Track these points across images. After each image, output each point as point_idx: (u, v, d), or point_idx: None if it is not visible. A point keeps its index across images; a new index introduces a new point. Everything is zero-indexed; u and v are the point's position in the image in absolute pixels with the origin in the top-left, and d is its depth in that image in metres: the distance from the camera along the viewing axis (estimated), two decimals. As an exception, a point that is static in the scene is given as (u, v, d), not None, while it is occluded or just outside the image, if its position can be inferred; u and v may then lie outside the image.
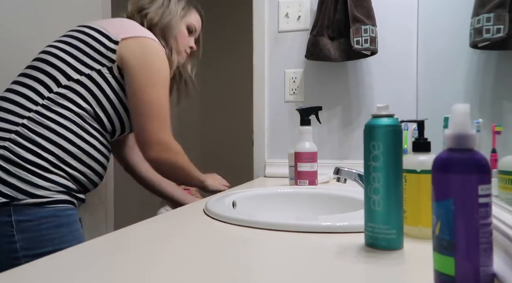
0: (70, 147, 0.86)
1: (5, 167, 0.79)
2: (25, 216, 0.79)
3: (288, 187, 1.06)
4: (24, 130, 0.82)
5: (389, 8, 1.40)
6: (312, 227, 0.60)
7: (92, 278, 0.41)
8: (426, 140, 0.57)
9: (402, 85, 1.39)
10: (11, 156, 0.80)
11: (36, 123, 0.84)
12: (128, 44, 0.93)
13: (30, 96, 0.86)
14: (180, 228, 0.65)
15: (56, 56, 0.90)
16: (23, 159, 0.81)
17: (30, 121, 0.84)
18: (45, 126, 0.84)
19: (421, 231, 0.54)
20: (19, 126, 0.82)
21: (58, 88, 0.87)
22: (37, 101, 0.86)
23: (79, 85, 0.89)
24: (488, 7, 0.61)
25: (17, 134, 0.82)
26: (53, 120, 0.85)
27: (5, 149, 0.80)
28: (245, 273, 0.43)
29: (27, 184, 0.80)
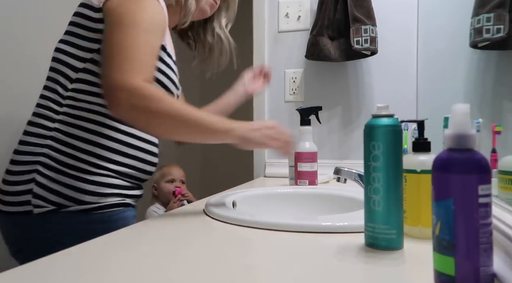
0: (107, 141, 0.80)
1: (48, 174, 0.77)
2: (75, 223, 0.77)
3: (288, 187, 1.06)
4: (58, 134, 0.79)
5: (389, 8, 1.40)
6: (312, 227, 0.60)
7: (92, 278, 0.41)
8: (426, 140, 0.57)
9: (402, 85, 1.39)
10: (52, 163, 0.77)
11: (67, 125, 0.80)
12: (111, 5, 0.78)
13: (54, 98, 0.82)
14: (180, 228, 0.65)
15: (61, 50, 0.85)
16: (63, 164, 0.77)
17: (61, 124, 0.80)
18: (76, 126, 0.79)
19: (421, 231, 0.54)
20: (52, 131, 0.80)
21: (71, 84, 0.81)
22: (60, 102, 0.81)
23: (87, 73, 0.81)
24: (488, 7, 0.61)
25: (53, 140, 0.79)
26: (81, 118, 0.80)
27: (45, 156, 0.78)
28: (245, 273, 0.43)
29: (72, 190, 0.77)
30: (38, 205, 0.76)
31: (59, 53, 0.85)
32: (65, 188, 0.77)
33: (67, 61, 0.82)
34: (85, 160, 0.78)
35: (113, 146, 0.81)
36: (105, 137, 0.80)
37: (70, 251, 0.51)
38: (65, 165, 0.77)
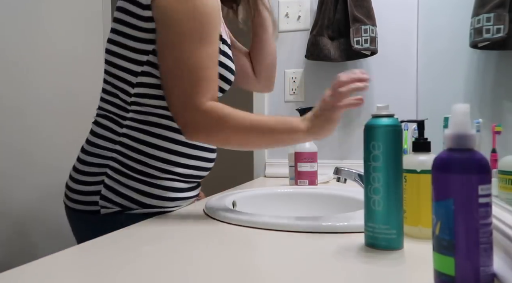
0: (172, 145, 0.81)
1: (116, 177, 0.78)
2: None
3: (288, 187, 1.06)
4: (126, 139, 0.79)
5: (389, 8, 1.40)
6: (312, 227, 0.60)
7: (92, 278, 0.41)
8: (426, 140, 0.57)
9: (402, 85, 1.39)
10: (120, 167, 0.78)
11: (134, 130, 0.79)
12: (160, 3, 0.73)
13: (117, 103, 0.81)
14: (180, 228, 0.65)
15: (113, 52, 0.80)
16: (131, 168, 0.78)
17: (129, 129, 0.79)
18: (142, 131, 0.79)
19: (421, 231, 0.54)
20: (121, 137, 0.79)
21: (133, 89, 0.79)
22: (125, 107, 0.80)
23: (147, 76, 0.78)
24: (488, 7, 0.61)
25: (121, 145, 0.79)
26: (147, 123, 0.79)
27: (114, 160, 0.79)
28: (245, 273, 0.43)
29: (138, 193, 0.78)
30: (104, 206, 0.78)
31: (112, 56, 0.80)
32: (132, 191, 0.78)
33: (123, 66, 0.78)
34: (151, 165, 0.79)
35: (177, 149, 0.81)
36: (169, 140, 0.80)
37: (70, 251, 0.51)
38: (133, 170, 0.78)
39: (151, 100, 0.79)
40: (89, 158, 0.81)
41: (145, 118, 0.79)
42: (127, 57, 0.78)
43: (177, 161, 0.81)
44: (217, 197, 0.89)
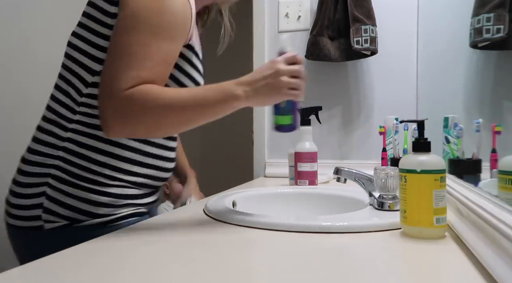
0: (122, 151, 0.75)
1: (60, 187, 0.72)
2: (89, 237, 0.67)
3: (288, 187, 1.06)
4: (71, 145, 0.73)
5: (389, 8, 1.40)
6: (312, 227, 0.60)
7: (92, 278, 0.41)
8: (426, 140, 0.57)
9: (402, 85, 1.39)
10: (64, 175, 0.72)
11: (81, 134, 0.73)
12: None
13: (67, 103, 0.75)
14: (180, 228, 0.65)
15: (75, 46, 0.75)
16: (76, 176, 0.72)
17: (75, 133, 0.73)
18: (90, 135, 0.73)
19: (421, 231, 0.54)
20: (65, 141, 0.73)
21: (86, 89, 0.73)
22: (73, 108, 0.74)
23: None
24: (488, 7, 0.61)
25: (65, 151, 0.73)
26: (96, 127, 0.73)
27: (56, 168, 0.72)
28: (245, 273, 0.43)
29: (86, 203, 0.72)
30: (48, 220, 0.72)
31: (73, 50, 0.75)
32: (78, 201, 0.72)
33: (83, 62, 0.74)
34: (99, 172, 0.73)
35: (128, 156, 0.75)
36: (120, 146, 0.74)
37: (70, 252, 0.51)
38: (78, 178, 0.72)
39: None
40: (29, 167, 0.74)
41: (93, 121, 0.73)
42: (89, 53, 0.73)
43: (126, 168, 0.75)
44: (217, 197, 0.89)
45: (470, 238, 0.48)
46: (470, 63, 0.75)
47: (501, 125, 0.56)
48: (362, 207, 0.76)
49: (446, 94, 0.94)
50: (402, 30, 1.39)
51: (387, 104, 1.41)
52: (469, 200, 0.53)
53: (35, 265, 0.46)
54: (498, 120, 0.58)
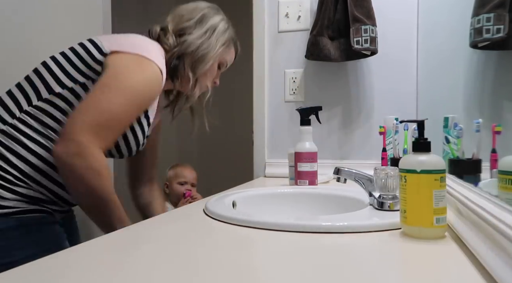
0: (38, 162, 0.82)
1: None
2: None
3: (288, 187, 1.06)
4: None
5: (389, 8, 1.40)
6: (312, 227, 0.60)
7: (92, 278, 0.41)
8: (426, 140, 0.57)
9: (402, 85, 1.39)
10: None
11: (9, 137, 0.81)
12: (116, 57, 0.84)
13: (10, 107, 0.84)
14: (180, 228, 0.65)
15: (47, 66, 0.86)
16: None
17: (3, 134, 0.81)
18: (17, 140, 0.81)
19: (421, 231, 0.54)
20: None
21: (37, 102, 0.83)
22: (14, 113, 0.83)
23: (60, 99, 0.84)
24: (488, 7, 0.61)
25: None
26: (27, 135, 0.82)
27: None
28: (245, 273, 0.43)
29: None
30: None
31: (42, 67, 0.86)
32: None
33: (46, 79, 0.84)
34: (10, 172, 0.80)
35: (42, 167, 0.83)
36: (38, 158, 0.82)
37: (69, 251, 0.51)
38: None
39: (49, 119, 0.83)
40: None
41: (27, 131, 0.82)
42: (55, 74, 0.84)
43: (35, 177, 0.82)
44: (217, 197, 0.89)
45: (470, 238, 0.48)
46: (470, 63, 0.75)
47: (501, 125, 0.56)
48: (362, 207, 0.76)
49: (446, 94, 0.94)
50: (402, 30, 1.39)
51: (387, 104, 1.41)
52: (469, 200, 0.53)
53: (27, 266, 0.46)
54: (498, 120, 0.58)
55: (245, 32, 1.61)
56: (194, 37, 0.99)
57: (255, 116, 1.54)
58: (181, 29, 1.00)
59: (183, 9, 1.04)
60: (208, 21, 1.02)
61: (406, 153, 1.12)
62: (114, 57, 0.84)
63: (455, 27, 0.85)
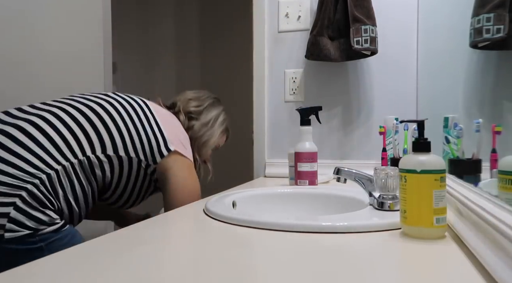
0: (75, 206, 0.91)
1: (30, 202, 0.80)
2: (50, 239, 0.82)
3: (288, 187, 1.06)
4: (55, 176, 0.85)
5: (389, 8, 1.40)
6: (312, 227, 0.60)
7: (92, 278, 0.41)
8: (426, 140, 0.57)
9: (402, 85, 1.39)
10: (38, 193, 0.82)
11: (66, 176, 0.87)
12: (177, 158, 1.01)
13: (73, 147, 0.89)
14: (180, 228, 0.65)
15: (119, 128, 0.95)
16: (47, 198, 0.83)
17: (64, 171, 0.87)
18: (71, 181, 0.88)
19: (421, 231, 0.54)
20: (53, 170, 0.84)
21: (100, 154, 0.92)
22: (77, 155, 0.89)
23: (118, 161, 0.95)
24: (488, 7, 0.61)
25: (48, 177, 0.84)
26: (79, 181, 0.90)
27: (33, 185, 0.81)
28: (245, 273, 0.43)
29: (46, 216, 0.82)
30: (12, 230, 0.78)
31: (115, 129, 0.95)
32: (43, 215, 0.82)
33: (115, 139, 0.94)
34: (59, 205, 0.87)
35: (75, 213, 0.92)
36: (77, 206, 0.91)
37: (69, 252, 0.51)
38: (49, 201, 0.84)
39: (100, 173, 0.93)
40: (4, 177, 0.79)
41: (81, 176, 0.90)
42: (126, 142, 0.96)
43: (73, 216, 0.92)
44: (217, 197, 0.89)
45: (470, 238, 0.48)
46: (470, 63, 0.75)
47: (501, 125, 0.56)
48: (362, 207, 0.76)
49: (446, 94, 0.94)
50: (402, 30, 1.39)
51: (387, 104, 1.41)
52: (469, 200, 0.53)
53: (28, 267, 0.46)
54: (498, 120, 0.58)
55: (245, 32, 1.61)
56: (199, 125, 1.17)
57: (255, 116, 1.54)
58: (189, 112, 1.18)
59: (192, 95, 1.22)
60: (213, 111, 1.21)
61: (406, 153, 1.12)
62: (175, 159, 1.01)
63: (455, 27, 0.85)
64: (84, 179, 0.91)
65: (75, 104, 0.95)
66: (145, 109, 1.02)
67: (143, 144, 0.97)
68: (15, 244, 0.78)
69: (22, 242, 0.79)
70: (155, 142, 0.99)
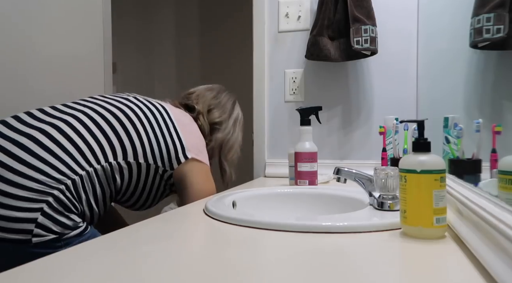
0: (96, 212, 0.93)
1: (57, 207, 0.82)
2: (74, 242, 0.84)
3: (288, 187, 1.06)
4: (79, 182, 0.86)
5: (389, 8, 1.40)
6: (312, 227, 0.60)
7: (92, 278, 0.41)
8: (426, 140, 0.57)
9: (402, 85, 1.39)
10: (64, 199, 0.83)
11: (89, 181, 0.88)
12: (194, 165, 1.02)
13: (96, 153, 0.90)
14: (180, 228, 0.65)
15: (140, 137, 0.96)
16: (72, 203, 0.85)
17: (87, 176, 0.88)
18: (93, 186, 0.89)
19: (421, 231, 0.54)
20: (77, 175, 0.86)
21: (121, 160, 0.93)
22: (100, 160, 0.90)
23: (138, 167, 0.96)
24: (488, 7, 0.61)
25: (73, 183, 0.85)
26: (101, 185, 0.91)
27: (60, 191, 0.82)
28: (245, 273, 0.43)
29: (71, 221, 0.84)
30: (39, 235, 0.79)
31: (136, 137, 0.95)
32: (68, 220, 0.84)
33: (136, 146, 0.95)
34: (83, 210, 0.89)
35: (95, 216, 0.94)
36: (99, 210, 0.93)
37: (69, 252, 0.51)
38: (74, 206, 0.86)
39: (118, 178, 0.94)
40: (31, 183, 0.80)
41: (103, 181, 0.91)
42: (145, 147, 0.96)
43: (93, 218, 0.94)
44: (217, 197, 0.89)
45: (470, 238, 0.48)
46: (470, 63, 0.75)
47: (501, 125, 0.56)
48: (362, 207, 0.76)
49: (446, 94, 0.94)
50: (402, 30, 1.39)
51: (387, 104, 1.41)
52: (469, 200, 0.53)
53: (31, 266, 0.46)
54: (498, 120, 0.58)
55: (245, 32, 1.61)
56: (225, 133, 1.18)
57: (255, 116, 1.54)
58: (214, 123, 1.18)
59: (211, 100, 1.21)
60: (234, 113, 1.22)
61: (406, 153, 1.12)
62: (193, 164, 1.02)
63: (455, 27, 0.85)
64: (105, 184, 0.92)
65: (98, 108, 0.95)
66: (164, 115, 1.02)
67: (161, 151, 0.98)
68: (41, 248, 0.79)
69: (48, 246, 0.80)
70: (173, 149, 1.00)
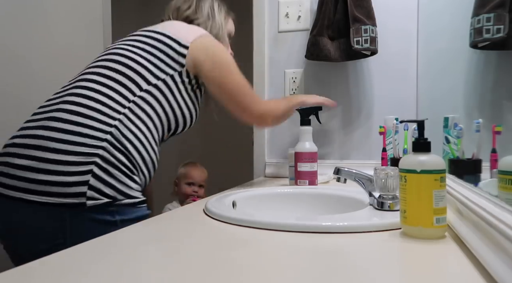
0: (146, 155, 0.91)
1: (105, 167, 0.82)
2: (125, 215, 0.83)
3: (288, 187, 1.06)
4: (117, 132, 0.85)
5: (389, 8, 1.40)
6: (312, 227, 0.60)
7: (92, 278, 0.41)
8: (426, 140, 0.57)
9: (402, 85, 1.39)
10: (110, 157, 0.83)
11: (125, 126, 0.87)
12: (196, 46, 0.98)
13: (117, 99, 0.89)
14: (180, 228, 0.65)
15: (135, 61, 0.94)
16: (119, 160, 0.84)
17: (121, 123, 0.87)
18: (131, 131, 0.88)
19: (421, 231, 0.54)
20: (112, 127, 0.85)
21: (140, 92, 0.91)
22: (124, 104, 0.89)
23: (157, 90, 0.94)
24: (488, 7, 0.61)
25: (112, 136, 0.84)
26: (137, 126, 0.89)
27: (104, 150, 0.82)
28: (245, 273, 0.43)
29: (123, 184, 0.84)
30: (93, 197, 0.79)
31: (132, 62, 0.93)
32: (118, 182, 0.83)
33: (141, 73, 0.93)
34: (132, 162, 0.87)
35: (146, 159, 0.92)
36: (145, 150, 0.91)
37: (69, 251, 0.51)
38: (120, 162, 0.84)
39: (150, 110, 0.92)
40: (74, 147, 0.80)
41: (136, 121, 0.90)
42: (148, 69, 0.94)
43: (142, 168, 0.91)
44: (217, 197, 0.89)
45: (470, 238, 0.48)
46: (470, 63, 0.75)
47: (501, 125, 0.56)
48: (362, 207, 0.76)
49: (446, 94, 0.94)
50: (402, 30, 1.39)
51: (387, 104, 1.41)
52: (469, 200, 0.53)
53: (31, 266, 0.46)
54: (498, 120, 0.58)
55: (245, 32, 1.61)
56: (203, 21, 1.10)
57: (255, 116, 1.54)
58: (187, 17, 1.10)
59: (176, 2, 1.14)
60: (204, 3, 1.12)
61: (406, 153, 1.12)
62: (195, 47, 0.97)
63: (455, 27, 0.85)
64: (140, 123, 0.90)
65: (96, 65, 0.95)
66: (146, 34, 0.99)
67: (162, 59, 0.95)
68: (96, 213, 0.79)
69: (102, 211, 0.80)
70: (170, 49, 0.96)
